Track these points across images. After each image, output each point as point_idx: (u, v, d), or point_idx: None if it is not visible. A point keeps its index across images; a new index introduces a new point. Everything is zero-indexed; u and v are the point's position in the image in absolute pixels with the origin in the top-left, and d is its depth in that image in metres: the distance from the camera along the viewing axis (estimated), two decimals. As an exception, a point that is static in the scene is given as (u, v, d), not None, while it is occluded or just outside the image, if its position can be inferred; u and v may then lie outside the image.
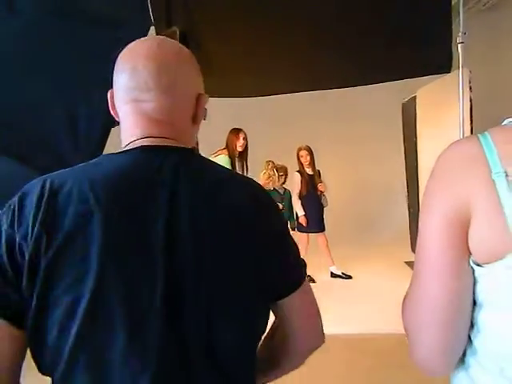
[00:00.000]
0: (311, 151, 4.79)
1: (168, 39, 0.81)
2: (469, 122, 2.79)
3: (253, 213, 0.72)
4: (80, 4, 1.64)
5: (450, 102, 2.84)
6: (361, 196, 6.36)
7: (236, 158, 3.92)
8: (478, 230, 0.59)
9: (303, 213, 4.70)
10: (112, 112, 0.80)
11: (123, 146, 0.76)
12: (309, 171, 4.80)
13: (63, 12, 1.58)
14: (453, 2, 2.54)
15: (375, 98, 5.35)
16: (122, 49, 0.77)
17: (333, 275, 4.81)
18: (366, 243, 5.73)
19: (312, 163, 4.80)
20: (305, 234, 4.83)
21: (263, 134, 6.18)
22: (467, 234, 0.60)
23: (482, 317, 0.62)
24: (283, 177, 4.76)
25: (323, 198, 4.85)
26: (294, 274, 0.78)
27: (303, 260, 0.80)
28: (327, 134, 6.23)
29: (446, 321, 0.62)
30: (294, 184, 4.77)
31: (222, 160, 3.71)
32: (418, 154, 4.49)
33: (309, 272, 3.51)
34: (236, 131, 4.01)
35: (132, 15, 1.83)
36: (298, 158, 4.79)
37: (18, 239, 0.65)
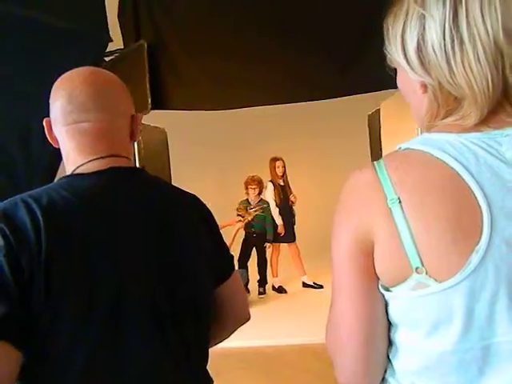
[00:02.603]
0: (284, 162, 4.87)
1: (99, 69, 0.90)
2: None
3: (194, 218, 0.91)
4: (38, 17, 1.62)
5: (410, 115, 2.94)
6: (331, 206, 6.45)
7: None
8: (380, 256, 0.62)
9: (281, 222, 4.74)
10: (49, 138, 0.84)
11: (72, 167, 0.81)
12: (280, 182, 4.86)
13: (21, 24, 1.56)
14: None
15: (342, 110, 5.48)
16: (83, 62, 0.80)
17: (304, 285, 4.85)
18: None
19: (284, 174, 4.88)
20: (277, 244, 4.87)
21: (235, 144, 6.21)
22: (373, 259, 0.63)
23: (397, 336, 0.65)
24: (257, 189, 4.77)
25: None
26: (229, 263, 0.99)
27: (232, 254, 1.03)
28: (297, 145, 6.32)
29: (363, 344, 0.64)
30: (269, 194, 4.81)
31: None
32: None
33: (280, 282, 3.56)
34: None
35: (90, 31, 1.83)
36: (273, 169, 4.84)
37: (23, 261, 0.65)
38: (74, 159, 0.81)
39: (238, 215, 4.63)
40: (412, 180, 0.59)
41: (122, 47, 2.77)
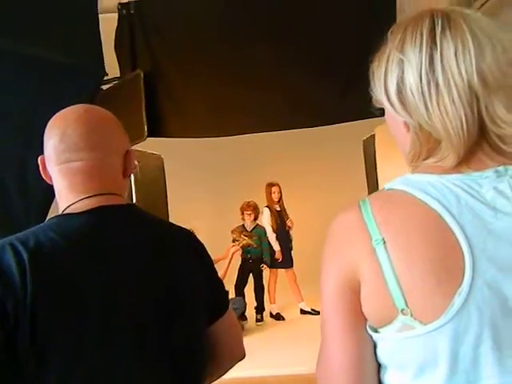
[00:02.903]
0: (280, 188, 4.88)
1: (94, 106, 0.90)
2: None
3: (188, 254, 0.90)
4: (37, 53, 1.65)
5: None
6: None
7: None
8: (366, 295, 0.62)
9: (279, 248, 4.71)
10: (43, 175, 0.86)
11: (64, 205, 0.82)
12: (276, 207, 4.86)
13: (20, 60, 1.59)
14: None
15: (338, 135, 5.55)
16: (79, 98, 0.81)
17: (302, 312, 4.77)
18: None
19: (281, 200, 4.88)
20: (274, 270, 4.83)
21: (231, 169, 6.23)
22: (360, 299, 0.63)
23: (386, 378, 0.64)
24: (252, 215, 4.75)
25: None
26: (223, 300, 0.97)
27: (226, 290, 1.01)
28: (293, 169, 6.36)
29: (353, 381, 0.63)
30: (265, 219, 4.78)
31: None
32: (379, 188, 4.64)
33: (277, 309, 3.50)
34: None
35: (89, 65, 1.87)
36: (269, 194, 4.84)
37: (9, 305, 0.64)
38: (66, 197, 0.82)
39: (233, 240, 4.60)
40: (396, 220, 0.60)
41: (118, 75, 2.82)
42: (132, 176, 3.09)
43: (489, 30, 0.61)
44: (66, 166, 0.81)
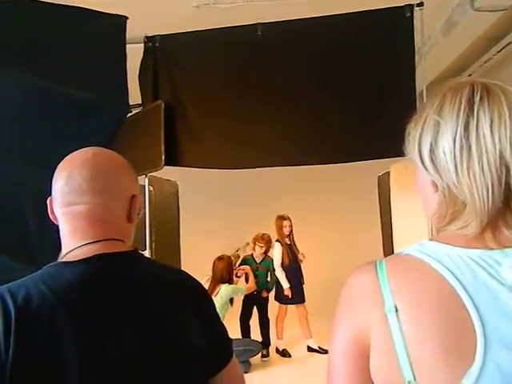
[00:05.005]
0: (291, 221, 4.85)
1: (104, 149, 0.89)
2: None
3: (189, 300, 0.87)
4: (64, 91, 1.72)
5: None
6: (339, 266, 6.35)
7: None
8: (374, 361, 0.62)
9: (288, 285, 4.63)
10: (51, 217, 0.86)
11: (64, 251, 0.81)
12: (287, 241, 4.82)
13: (49, 96, 1.65)
14: (422, 88, 2.78)
15: (352, 171, 5.56)
16: (102, 133, 0.83)
17: (310, 349, 4.65)
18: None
19: (291, 233, 4.85)
20: (284, 306, 4.74)
21: (244, 203, 6.25)
22: (368, 364, 0.62)
23: None
24: (264, 247, 4.73)
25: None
26: (225, 349, 0.92)
27: (230, 338, 0.95)
28: (305, 204, 6.35)
29: None
30: (276, 254, 4.72)
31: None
32: (392, 227, 4.59)
33: (284, 345, 3.42)
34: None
35: (113, 102, 1.94)
36: (280, 228, 4.80)
37: None
38: (68, 242, 0.82)
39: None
40: (410, 290, 0.60)
41: (140, 102, 2.92)
42: (146, 201, 3.13)
43: None
44: (69, 209, 0.81)
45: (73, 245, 0.81)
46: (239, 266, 4.60)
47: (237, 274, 4.47)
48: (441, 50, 4.02)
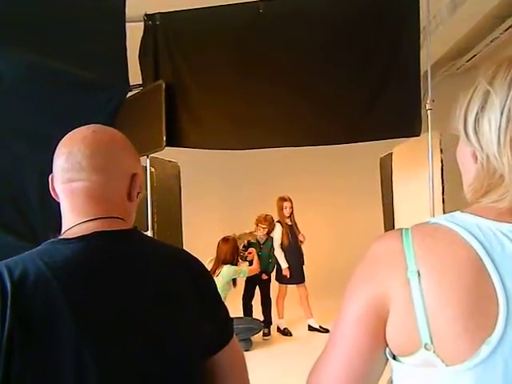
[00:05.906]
0: (292, 202, 4.86)
1: (104, 127, 0.88)
2: (440, 181, 2.92)
3: (190, 279, 0.86)
4: (66, 69, 1.70)
5: (422, 162, 2.98)
6: (340, 246, 6.40)
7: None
8: (392, 324, 0.62)
9: (287, 265, 4.66)
10: (52, 194, 0.86)
11: (66, 227, 0.81)
12: (288, 222, 4.83)
13: (49, 73, 1.63)
14: (426, 69, 2.73)
15: (355, 153, 5.55)
16: (103, 112, 0.81)
17: (310, 328, 4.71)
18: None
19: (292, 214, 4.86)
20: (284, 286, 4.79)
21: (246, 184, 6.25)
22: (385, 325, 0.63)
23: None
24: (266, 229, 4.74)
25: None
26: (226, 329, 0.92)
27: (231, 317, 0.95)
28: (307, 183, 6.35)
29: None
30: (276, 235, 4.75)
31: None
32: (394, 208, 4.60)
33: (286, 324, 3.45)
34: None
35: (114, 81, 1.91)
36: (281, 209, 4.80)
37: None
38: (68, 219, 0.82)
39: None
40: (435, 256, 0.60)
41: (140, 82, 2.89)
42: (148, 182, 3.13)
43: None
44: (68, 185, 0.82)
45: (72, 222, 0.81)
46: (243, 248, 4.61)
47: (246, 257, 4.50)
48: (446, 28, 3.94)
